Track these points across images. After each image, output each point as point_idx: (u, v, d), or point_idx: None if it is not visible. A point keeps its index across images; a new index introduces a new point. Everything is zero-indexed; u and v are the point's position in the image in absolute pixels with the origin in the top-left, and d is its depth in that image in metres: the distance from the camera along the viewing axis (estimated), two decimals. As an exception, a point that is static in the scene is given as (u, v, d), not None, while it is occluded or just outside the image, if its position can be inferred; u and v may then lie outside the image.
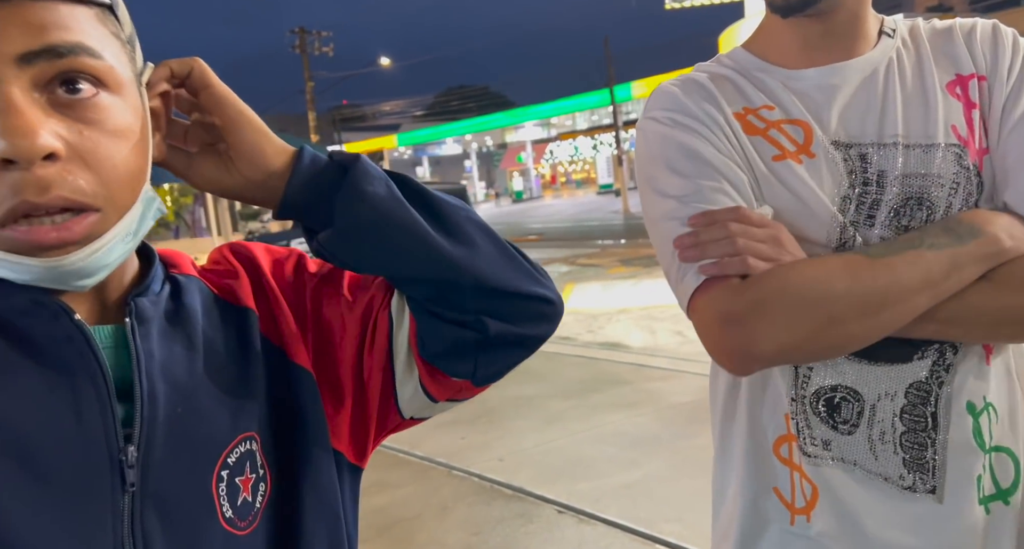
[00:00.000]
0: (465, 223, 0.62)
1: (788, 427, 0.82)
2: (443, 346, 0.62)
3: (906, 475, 0.79)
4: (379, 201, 0.59)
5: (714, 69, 0.89)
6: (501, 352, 0.63)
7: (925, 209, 0.79)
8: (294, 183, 0.59)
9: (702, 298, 0.77)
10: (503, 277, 0.61)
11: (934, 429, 0.78)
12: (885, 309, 0.72)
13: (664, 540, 2.67)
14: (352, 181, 0.59)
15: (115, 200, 0.50)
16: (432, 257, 0.59)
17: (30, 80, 0.46)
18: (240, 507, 0.56)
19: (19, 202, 0.46)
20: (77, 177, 0.47)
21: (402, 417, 0.67)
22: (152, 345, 0.54)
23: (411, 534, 2.93)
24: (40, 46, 0.46)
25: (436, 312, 0.61)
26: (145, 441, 0.51)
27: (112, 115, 0.50)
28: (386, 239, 0.59)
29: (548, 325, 0.65)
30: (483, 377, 0.64)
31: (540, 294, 0.63)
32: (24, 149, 0.45)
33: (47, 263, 0.48)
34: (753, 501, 0.85)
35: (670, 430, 3.77)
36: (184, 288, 0.59)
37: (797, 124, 0.82)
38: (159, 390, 0.53)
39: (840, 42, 0.84)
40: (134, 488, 0.50)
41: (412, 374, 0.64)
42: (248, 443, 0.57)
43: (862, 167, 0.80)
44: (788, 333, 0.72)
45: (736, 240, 0.75)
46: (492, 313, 0.61)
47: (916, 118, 0.81)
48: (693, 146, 0.81)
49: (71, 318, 0.51)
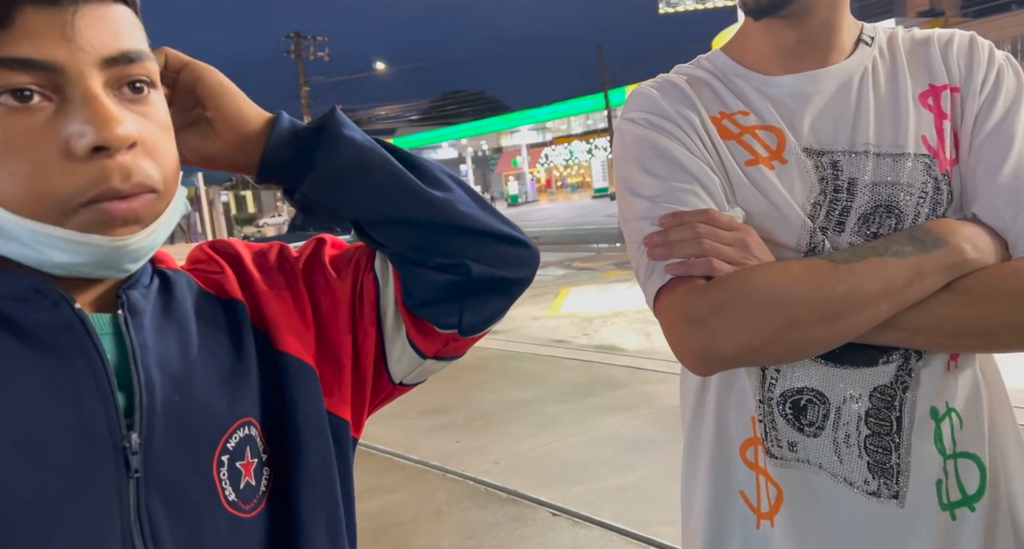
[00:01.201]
0: (438, 172, 0.65)
1: (754, 430, 0.83)
2: (428, 293, 0.64)
3: (870, 480, 0.79)
4: (358, 144, 0.62)
5: (692, 72, 0.90)
6: (485, 298, 0.65)
7: (894, 217, 0.80)
8: (273, 139, 0.62)
9: (667, 297, 0.78)
10: (480, 220, 0.64)
11: (898, 433, 0.79)
12: (846, 315, 0.72)
13: (659, 543, 2.67)
14: (330, 128, 0.62)
15: (168, 187, 0.54)
16: (413, 197, 0.62)
17: (106, 80, 0.51)
18: (243, 491, 0.57)
19: (107, 188, 0.49)
20: (147, 165, 0.52)
21: (392, 382, 0.68)
22: (146, 336, 0.55)
23: (406, 539, 2.93)
24: (119, 52, 0.51)
25: (419, 260, 0.63)
26: (147, 429, 0.52)
27: (160, 110, 0.55)
28: (368, 178, 0.61)
29: (527, 268, 0.67)
30: (469, 326, 0.65)
31: (518, 237, 0.66)
32: (115, 137, 0.49)
33: (115, 242, 0.51)
34: (719, 505, 0.86)
35: (665, 433, 3.78)
36: (173, 282, 0.61)
37: (771, 130, 0.83)
38: (155, 379, 0.54)
39: (815, 49, 0.85)
40: (138, 474, 0.51)
41: (400, 330, 0.66)
42: (247, 428, 0.58)
43: (833, 174, 0.81)
44: (749, 335, 0.73)
45: (703, 242, 0.76)
46: (474, 256, 0.63)
47: (887, 127, 0.82)
48: (667, 148, 0.82)
49: (71, 306, 0.52)
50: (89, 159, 0.49)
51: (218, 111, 0.62)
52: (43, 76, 0.48)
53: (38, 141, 0.48)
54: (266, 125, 0.63)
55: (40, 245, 0.50)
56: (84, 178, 0.49)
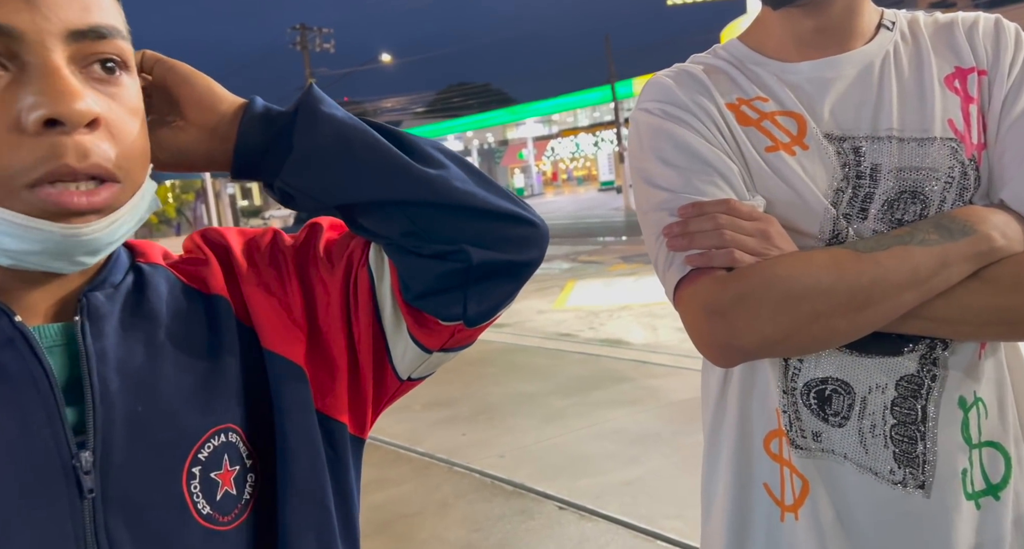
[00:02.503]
0: (431, 149, 0.59)
1: (778, 422, 0.82)
2: (427, 284, 0.58)
3: (896, 470, 0.78)
4: (337, 121, 0.57)
5: (709, 60, 0.88)
6: (489, 284, 0.59)
7: (919, 203, 0.78)
8: (247, 120, 0.57)
9: (687, 289, 0.77)
10: (478, 197, 0.58)
11: (923, 422, 0.78)
12: (870, 305, 0.71)
13: (665, 536, 2.67)
14: (307, 106, 0.57)
15: (131, 175, 0.51)
16: (401, 175, 0.56)
17: (71, 54, 0.48)
18: (220, 502, 0.54)
19: (60, 165, 0.46)
20: (108, 147, 0.48)
21: (400, 379, 0.64)
22: (106, 343, 0.52)
23: (412, 531, 2.94)
24: (87, 26, 0.48)
25: (414, 247, 0.57)
26: (102, 444, 0.49)
27: (131, 94, 0.52)
28: (350, 158, 0.56)
29: (534, 250, 0.60)
30: (475, 315, 0.60)
31: (521, 215, 0.59)
32: (72, 112, 0.45)
33: (68, 230, 0.47)
34: (742, 498, 0.85)
35: (671, 427, 3.77)
36: (149, 279, 0.57)
37: (791, 116, 0.82)
38: (114, 391, 0.51)
39: (835, 36, 0.83)
40: (93, 495, 0.49)
41: (401, 327, 0.61)
42: (224, 435, 0.55)
43: (855, 160, 0.80)
44: (772, 326, 0.72)
45: (724, 232, 0.75)
46: (473, 240, 0.57)
47: (912, 111, 0.80)
48: (684, 138, 0.81)
49: (11, 320, 0.49)
50: (41, 134, 0.45)
51: (189, 94, 0.57)
52: (0, 42, 0.45)
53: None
54: (240, 107, 0.58)
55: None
56: (34, 154, 0.45)
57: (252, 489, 0.56)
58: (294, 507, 0.57)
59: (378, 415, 0.66)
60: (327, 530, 0.58)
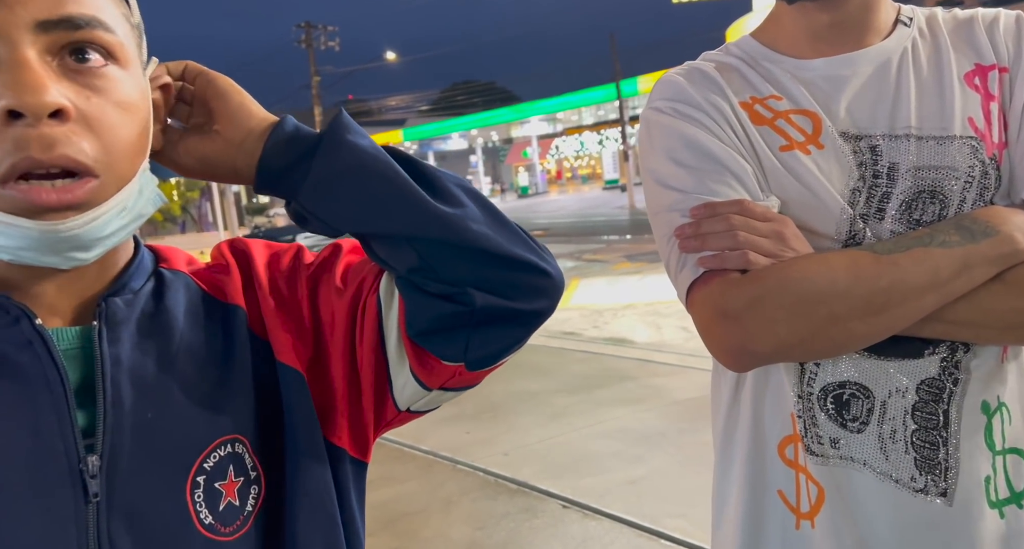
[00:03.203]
0: (453, 186, 0.59)
1: (794, 427, 0.80)
2: (429, 323, 0.58)
3: (918, 477, 0.75)
4: (360, 150, 0.57)
5: (721, 58, 0.87)
6: (492, 330, 0.58)
7: (938, 203, 0.76)
8: (273, 140, 0.57)
9: (700, 291, 0.75)
10: (492, 241, 0.57)
11: (946, 427, 0.75)
12: (889, 309, 0.69)
13: (669, 535, 2.66)
14: (332, 131, 0.57)
15: (115, 169, 0.49)
16: (415, 210, 0.55)
17: (44, 46, 0.47)
18: (223, 512, 0.54)
19: (22, 158, 0.45)
20: (82, 139, 0.47)
21: (398, 409, 0.64)
22: (121, 349, 0.52)
23: (416, 529, 2.94)
24: (58, 16, 0.47)
25: (420, 284, 0.57)
26: (110, 450, 0.50)
27: (119, 87, 0.50)
28: (364, 188, 0.56)
29: (545, 300, 0.59)
30: (475, 360, 0.59)
31: (535, 263, 0.58)
32: (33, 103, 0.45)
33: (44, 226, 0.46)
34: (756, 505, 0.82)
35: (675, 426, 3.77)
36: (169, 285, 0.58)
37: (806, 114, 0.80)
38: (126, 397, 0.51)
39: (851, 32, 0.81)
40: (98, 499, 0.49)
41: (403, 360, 0.61)
42: (231, 446, 0.55)
43: (872, 159, 0.78)
44: (787, 330, 0.70)
45: (737, 234, 0.73)
46: (480, 284, 0.56)
47: (931, 109, 0.78)
48: (696, 137, 0.79)
49: (32, 322, 0.50)
50: (6, 126, 0.45)
51: (223, 107, 0.58)
52: None
53: None
54: (269, 125, 0.58)
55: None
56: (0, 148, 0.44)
57: (255, 501, 0.56)
58: (304, 518, 0.57)
59: (377, 438, 0.66)
60: (335, 541, 0.59)
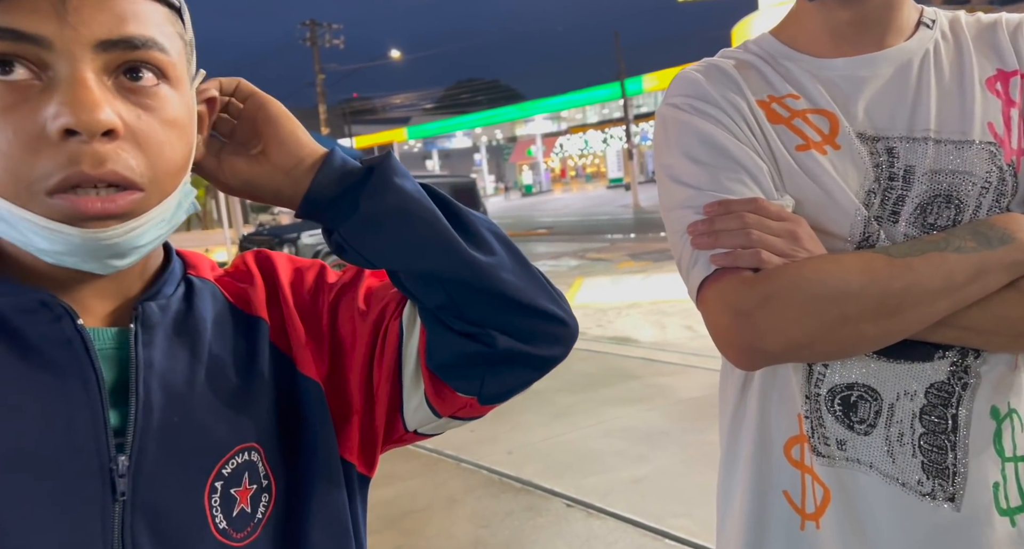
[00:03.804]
0: (486, 232, 0.62)
1: (800, 427, 0.80)
2: (450, 358, 0.61)
3: (925, 481, 0.75)
4: (405, 193, 0.59)
5: (739, 55, 0.86)
6: (509, 371, 0.62)
7: (953, 207, 0.76)
8: (323, 172, 0.60)
9: (712, 289, 0.75)
10: (519, 289, 0.61)
11: (954, 432, 0.75)
12: (901, 312, 0.69)
13: (673, 535, 2.66)
14: (381, 171, 0.60)
15: (159, 184, 0.52)
16: (451, 254, 0.59)
17: (102, 64, 0.49)
18: (236, 518, 0.55)
19: (74, 172, 0.48)
20: (130, 156, 0.50)
21: (406, 429, 0.66)
22: (154, 352, 0.54)
23: (420, 526, 2.94)
24: (118, 36, 0.49)
25: (445, 321, 0.60)
26: (137, 451, 0.51)
27: (169, 106, 0.53)
28: (407, 229, 0.59)
29: (560, 348, 0.63)
30: (488, 396, 0.63)
31: (555, 313, 0.62)
32: (88, 122, 0.47)
33: (86, 234, 0.49)
34: (761, 505, 0.82)
35: (679, 425, 3.76)
36: (198, 292, 0.60)
37: (823, 114, 0.79)
38: (155, 399, 0.53)
39: (872, 31, 0.81)
40: (124, 498, 0.50)
41: (419, 386, 0.64)
42: (247, 454, 0.57)
43: (888, 161, 0.77)
44: (798, 330, 0.70)
45: (751, 232, 0.73)
46: (503, 328, 0.60)
47: (950, 113, 0.78)
48: (712, 134, 0.79)
49: (73, 322, 0.51)
50: (63, 142, 0.47)
51: (274, 134, 0.60)
52: (30, 49, 0.47)
53: (19, 118, 0.47)
54: (319, 158, 0.61)
55: (21, 228, 0.49)
56: (54, 161, 0.47)
57: (265, 509, 0.57)
58: (320, 529, 0.59)
59: (382, 453, 0.68)
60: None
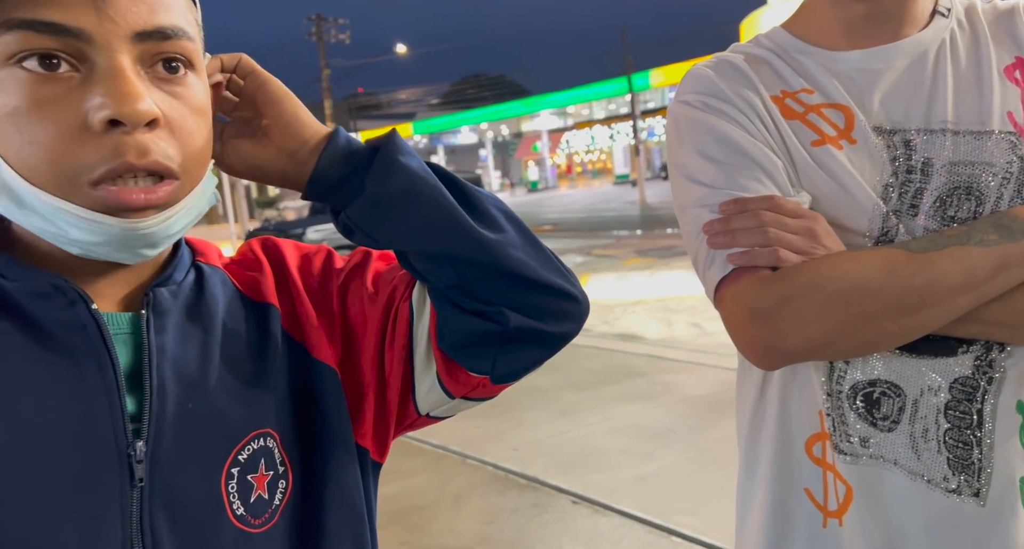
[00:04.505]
0: (494, 210, 0.62)
1: (822, 425, 0.79)
2: (462, 338, 0.61)
3: (950, 477, 0.74)
4: (411, 172, 0.59)
5: (751, 50, 0.85)
6: (521, 349, 0.62)
7: (973, 199, 0.74)
8: (328, 153, 0.59)
9: (730, 288, 0.74)
10: (529, 267, 0.60)
11: (979, 427, 0.74)
12: (923, 308, 0.68)
13: (679, 532, 2.65)
14: (386, 152, 0.59)
15: (191, 172, 0.52)
16: (459, 233, 0.58)
17: (137, 55, 0.50)
18: (253, 504, 0.55)
19: (120, 163, 0.48)
20: (168, 145, 0.50)
21: (418, 413, 0.66)
22: (166, 338, 0.54)
23: (426, 522, 2.94)
24: (153, 27, 0.50)
25: (456, 301, 0.60)
26: (154, 436, 0.51)
27: (196, 93, 0.53)
28: (415, 210, 0.58)
29: (572, 324, 0.63)
30: (501, 374, 0.63)
31: (566, 289, 0.62)
32: (133, 113, 0.48)
33: (126, 224, 0.49)
34: (783, 503, 0.81)
35: (685, 423, 3.75)
36: (208, 279, 0.60)
37: (838, 108, 0.78)
38: (169, 385, 0.53)
39: (887, 23, 0.80)
40: (142, 484, 0.50)
41: (430, 368, 0.64)
42: (263, 440, 0.56)
43: (906, 154, 0.76)
44: (819, 329, 0.69)
45: (768, 230, 0.72)
46: (514, 305, 0.60)
47: (968, 103, 0.77)
48: (726, 131, 0.78)
49: (88, 306, 0.51)
50: (106, 133, 0.48)
51: (277, 116, 0.60)
52: (69, 43, 0.47)
53: (60, 110, 0.47)
54: (322, 138, 0.60)
55: (56, 219, 0.49)
56: (98, 152, 0.48)
57: (282, 495, 0.57)
58: (336, 514, 0.59)
59: (394, 439, 0.67)
60: (362, 538, 0.60)
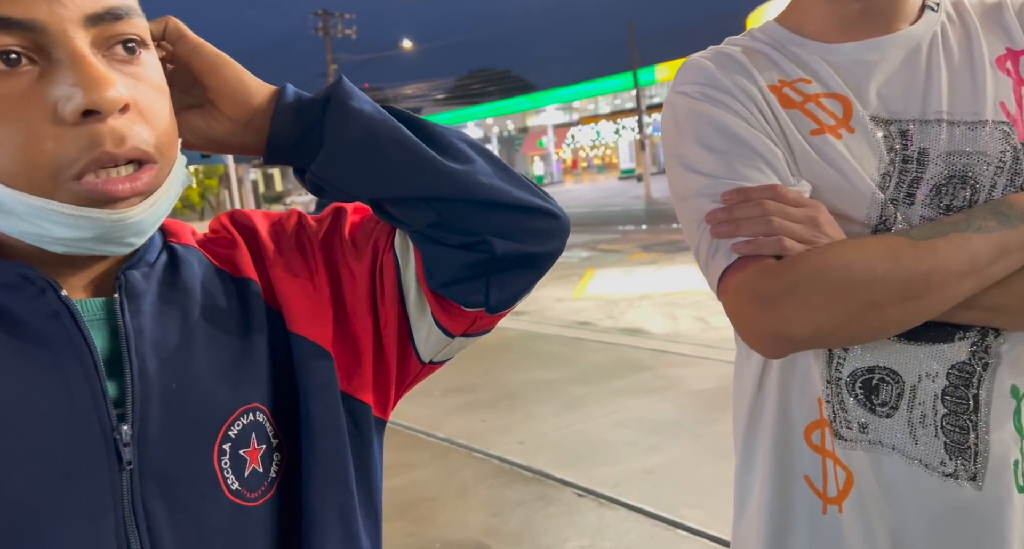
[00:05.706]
0: (458, 142, 0.61)
1: (821, 412, 0.80)
2: (451, 273, 0.60)
3: (947, 461, 0.76)
4: (367, 116, 0.58)
5: (746, 42, 0.86)
6: (512, 274, 0.61)
7: (968, 188, 0.76)
8: (278, 114, 0.58)
9: (734, 278, 0.75)
10: (503, 191, 0.59)
11: (975, 412, 0.75)
12: (927, 294, 0.69)
13: (685, 525, 2.66)
14: (336, 101, 0.57)
15: (166, 154, 0.51)
16: (428, 170, 0.57)
17: (92, 39, 0.48)
18: (248, 478, 0.55)
19: (100, 153, 0.47)
20: (141, 129, 0.49)
21: (422, 362, 0.66)
22: (143, 320, 0.53)
23: (432, 514, 2.96)
24: (103, 8, 0.48)
25: (439, 238, 0.59)
26: (140, 418, 0.51)
27: (154, 72, 0.52)
28: (379, 155, 0.57)
29: (556, 241, 0.62)
30: (497, 303, 0.62)
31: (544, 207, 0.61)
32: (106, 100, 0.46)
33: (115, 216, 0.48)
34: (783, 491, 0.82)
35: (691, 416, 3.76)
36: (182, 259, 0.58)
37: (836, 98, 0.79)
38: (151, 367, 0.52)
39: (879, 18, 0.81)
40: (131, 466, 0.50)
41: (425, 311, 0.63)
42: (252, 414, 0.56)
43: (902, 144, 0.78)
44: (825, 316, 0.70)
45: (772, 219, 0.73)
46: (497, 232, 0.59)
47: (962, 94, 0.78)
48: (725, 121, 0.78)
49: (57, 294, 0.50)
50: (80, 124, 0.46)
51: (219, 86, 0.57)
52: (25, 36, 0.46)
53: (25, 106, 0.46)
54: (271, 98, 0.58)
55: (39, 220, 0.48)
56: (75, 145, 0.46)
57: (277, 468, 0.57)
58: (318, 486, 0.58)
59: (399, 398, 0.67)
60: (349, 508, 0.60)
